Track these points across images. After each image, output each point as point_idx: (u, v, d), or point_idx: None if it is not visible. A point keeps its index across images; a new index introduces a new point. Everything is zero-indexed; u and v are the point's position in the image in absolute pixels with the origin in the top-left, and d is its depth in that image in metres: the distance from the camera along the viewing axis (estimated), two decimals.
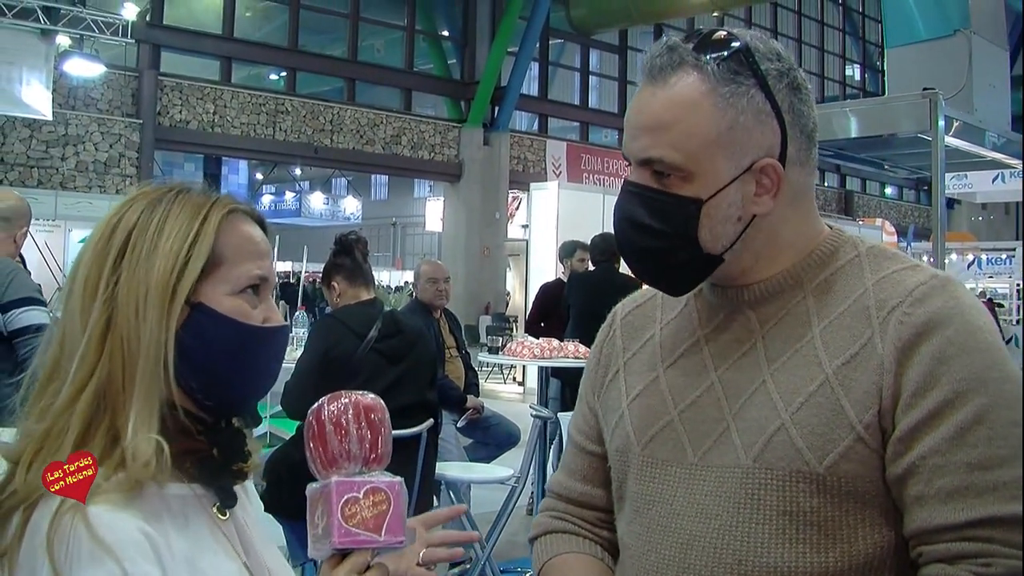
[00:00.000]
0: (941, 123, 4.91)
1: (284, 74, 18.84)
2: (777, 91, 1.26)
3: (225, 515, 1.23)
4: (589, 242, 7.20)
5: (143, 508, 1.11)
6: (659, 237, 1.29)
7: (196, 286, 1.19)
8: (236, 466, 1.26)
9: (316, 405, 1.21)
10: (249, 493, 1.38)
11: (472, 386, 6.16)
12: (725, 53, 1.25)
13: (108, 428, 1.14)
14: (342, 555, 1.15)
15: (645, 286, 1.53)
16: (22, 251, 4.77)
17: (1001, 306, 18.86)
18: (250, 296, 1.24)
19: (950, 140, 5.21)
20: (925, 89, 5.01)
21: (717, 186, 1.26)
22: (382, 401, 1.24)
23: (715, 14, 21.23)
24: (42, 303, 3.75)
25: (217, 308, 1.20)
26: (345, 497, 1.14)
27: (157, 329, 1.15)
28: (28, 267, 4.85)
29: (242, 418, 1.34)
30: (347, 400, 1.21)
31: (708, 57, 1.25)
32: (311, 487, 1.20)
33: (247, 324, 1.22)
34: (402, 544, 1.17)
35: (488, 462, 5.64)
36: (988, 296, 18.24)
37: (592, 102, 23.22)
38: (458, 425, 5.83)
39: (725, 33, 1.28)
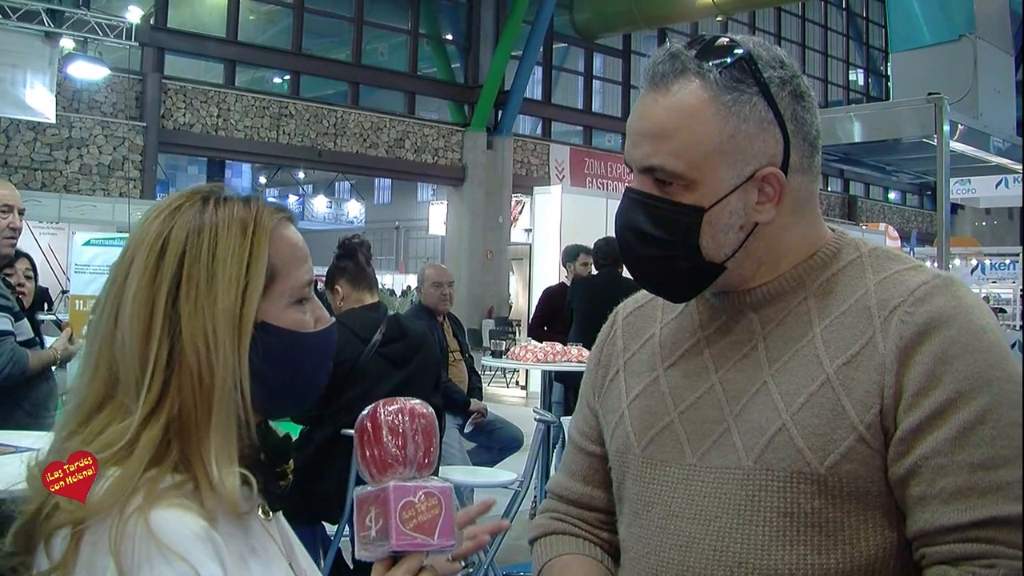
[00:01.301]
0: (946, 128, 4.91)
1: (288, 77, 18.83)
2: (780, 99, 1.26)
3: (270, 517, 1.25)
4: (592, 246, 7.20)
5: (204, 506, 1.11)
6: (661, 245, 1.28)
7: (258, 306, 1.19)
8: (280, 468, 1.27)
9: (370, 409, 1.23)
10: None
11: (475, 390, 6.17)
12: (728, 60, 1.25)
13: (178, 459, 1.13)
14: (394, 558, 1.17)
15: None
16: (29, 253, 4.74)
17: (1004, 311, 18.80)
18: (302, 303, 1.25)
19: (955, 145, 5.22)
20: (930, 94, 5.01)
21: (719, 194, 1.25)
22: (431, 408, 1.26)
23: (719, 19, 21.22)
24: (5, 309, 3.67)
25: (279, 324, 1.21)
26: (403, 501, 1.16)
27: (231, 360, 1.15)
28: (37, 268, 4.81)
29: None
30: (400, 405, 1.23)
31: (711, 64, 1.25)
32: (361, 490, 1.22)
33: (306, 333, 1.24)
34: (453, 547, 1.19)
35: (491, 466, 5.64)
36: (992, 303, 18.20)
37: (596, 106, 23.21)
38: (465, 431, 5.83)
39: (728, 40, 1.28)
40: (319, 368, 1.29)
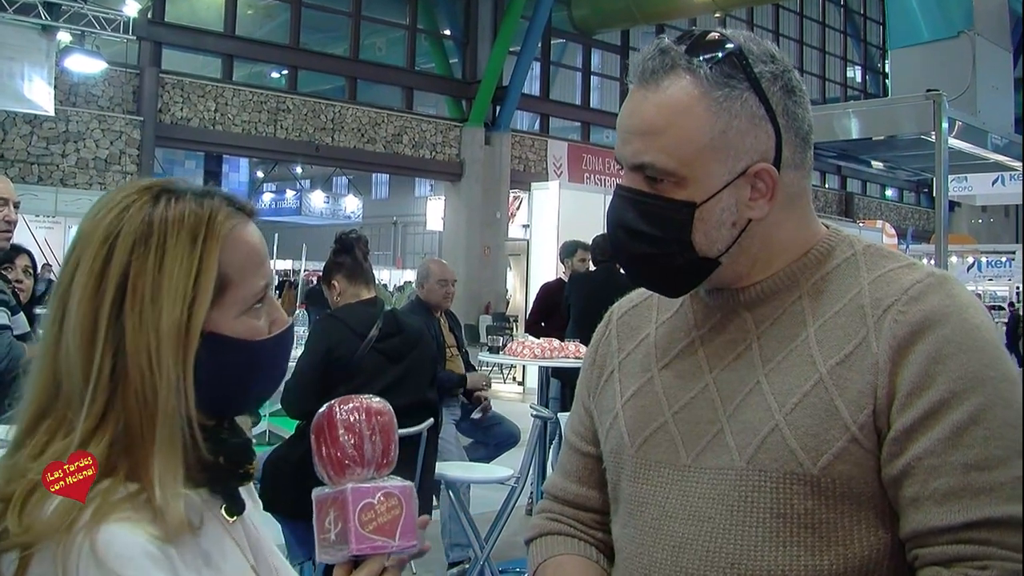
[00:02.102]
0: (944, 125, 4.90)
1: (285, 72, 18.82)
2: (771, 94, 1.24)
3: (233, 519, 1.21)
4: (591, 242, 7.20)
5: (156, 519, 1.07)
6: (653, 242, 1.27)
7: (206, 317, 1.13)
8: (242, 469, 1.23)
9: (326, 408, 1.20)
10: (251, 493, 1.36)
11: None
12: (718, 55, 1.23)
13: (127, 475, 1.09)
14: (355, 561, 1.15)
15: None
16: (29, 248, 4.73)
17: (1001, 308, 18.83)
18: (256, 309, 1.20)
19: (953, 142, 5.21)
20: (929, 91, 5.00)
21: (711, 191, 1.24)
22: (390, 405, 1.23)
23: (717, 15, 21.23)
24: (2, 303, 3.66)
25: (229, 334, 1.16)
26: (362, 503, 1.13)
27: (174, 377, 1.10)
28: (37, 266, 4.80)
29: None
30: (357, 404, 1.19)
31: (701, 60, 1.23)
32: (319, 491, 1.18)
33: (259, 341, 1.19)
34: (415, 547, 1.16)
35: (488, 462, 5.64)
36: (987, 300, 18.21)
37: (594, 102, 23.22)
38: (472, 416, 5.82)
39: (718, 35, 1.26)
40: (273, 373, 1.25)
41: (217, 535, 1.17)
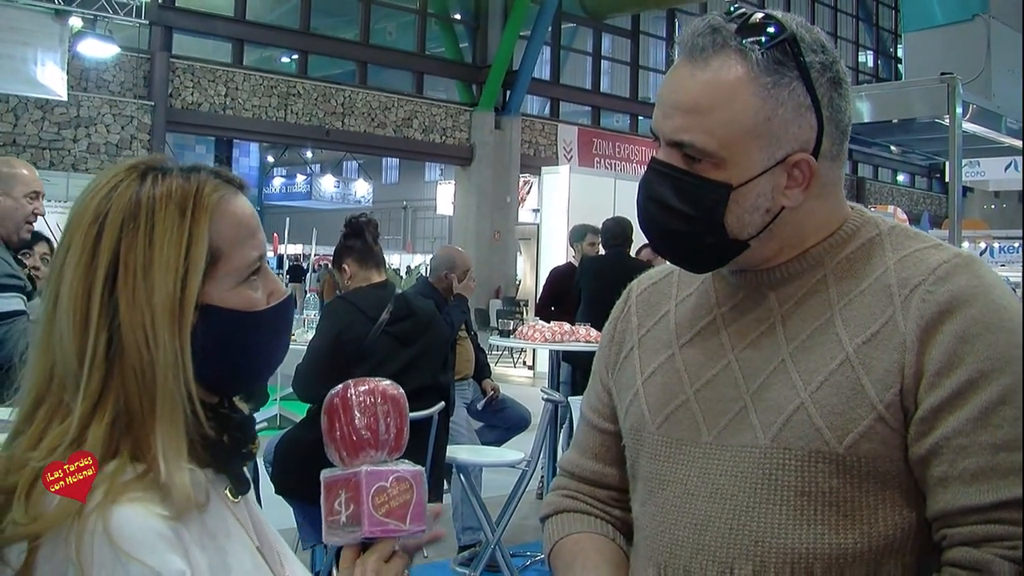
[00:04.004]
0: (959, 109, 4.86)
1: (296, 57, 18.78)
2: (819, 85, 1.23)
3: (237, 499, 1.21)
4: (601, 226, 7.18)
5: (165, 498, 1.07)
6: (685, 220, 1.26)
7: (200, 289, 1.13)
8: (245, 448, 1.23)
9: (340, 388, 1.19)
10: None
11: (484, 366, 6.16)
12: (771, 40, 1.22)
13: (131, 455, 1.08)
14: (364, 544, 1.14)
15: (657, 266, 1.51)
16: (48, 237, 4.74)
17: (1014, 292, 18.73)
18: (252, 280, 1.19)
19: (967, 125, 5.17)
20: (943, 74, 4.96)
21: (748, 175, 1.23)
22: (401, 389, 1.23)
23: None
24: (11, 288, 3.67)
25: (224, 305, 1.15)
26: (375, 486, 1.13)
27: (171, 351, 1.10)
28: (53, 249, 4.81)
29: (249, 397, 1.32)
30: (372, 386, 1.19)
31: (752, 43, 1.22)
32: (329, 472, 1.18)
33: (255, 312, 1.18)
34: (424, 532, 1.16)
35: (499, 445, 5.65)
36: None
37: (604, 87, 23.11)
38: (478, 407, 5.83)
39: (770, 17, 1.24)
40: (274, 344, 1.24)
41: (222, 515, 1.17)
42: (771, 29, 1.23)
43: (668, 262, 1.45)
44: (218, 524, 1.15)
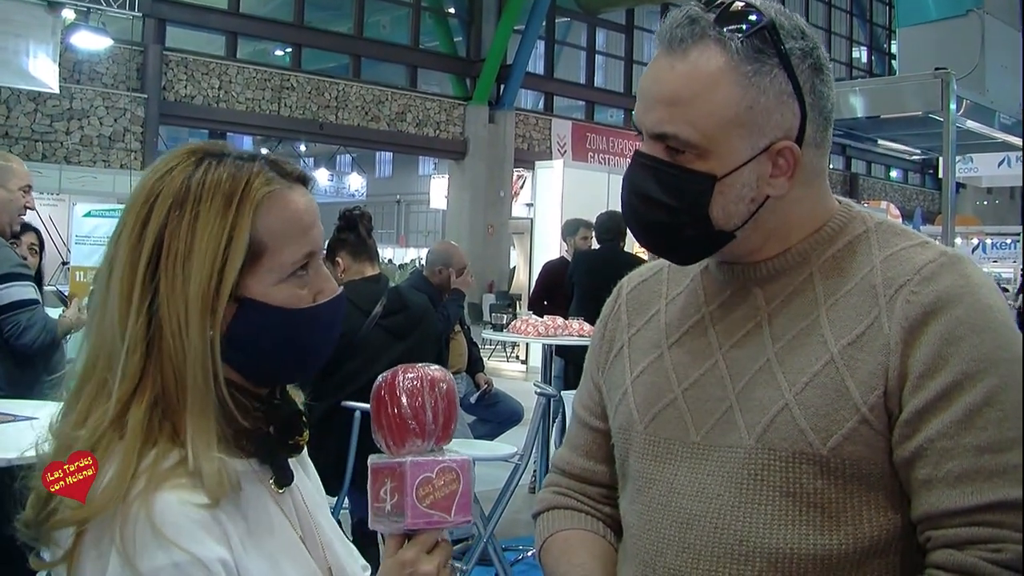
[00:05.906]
0: (953, 104, 4.86)
1: (289, 50, 18.72)
2: (800, 72, 1.22)
3: (282, 490, 1.21)
4: (594, 221, 7.18)
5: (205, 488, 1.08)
6: (669, 212, 1.25)
7: (241, 280, 1.13)
8: (292, 440, 1.23)
9: (389, 374, 1.18)
10: (304, 463, 1.35)
11: (477, 361, 6.16)
12: (750, 28, 1.21)
13: (170, 439, 1.09)
14: (407, 533, 1.14)
15: (651, 260, 1.51)
16: (38, 228, 4.81)
17: (1006, 291, 18.78)
18: (298, 277, 1.18)
19: (961, 121, 5.17)
20: (937, 69, 4.96)
21: (732, 165, 1.22)
22: (451, 376, 1.21)
23: None
24: (25, 277, 3.72)
25: (265, 300, 1.15)
26: (420, 477, 1.12)
27: (200, 344, 1.10)
28: (44, 244, 4.92)
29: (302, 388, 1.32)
30: (419, 373, 1.17)
31: (731, 32, 1.21)
32: (376, 458, 1.17)
33: (298, 309, 1.18)
34: (469, 523, 1.15)
35: (491, 439, 5.64)
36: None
37: (598, 81, 23.08)
38: (471, 401, 5.82)
39: (748, 5, 1.23)
40: (318, 342, 1.23)
41: (265, 505, 1.17)
42: (751, 17, 1.22)
43: (652, 255, 1.44)
44: (261, 515, 1.15)
